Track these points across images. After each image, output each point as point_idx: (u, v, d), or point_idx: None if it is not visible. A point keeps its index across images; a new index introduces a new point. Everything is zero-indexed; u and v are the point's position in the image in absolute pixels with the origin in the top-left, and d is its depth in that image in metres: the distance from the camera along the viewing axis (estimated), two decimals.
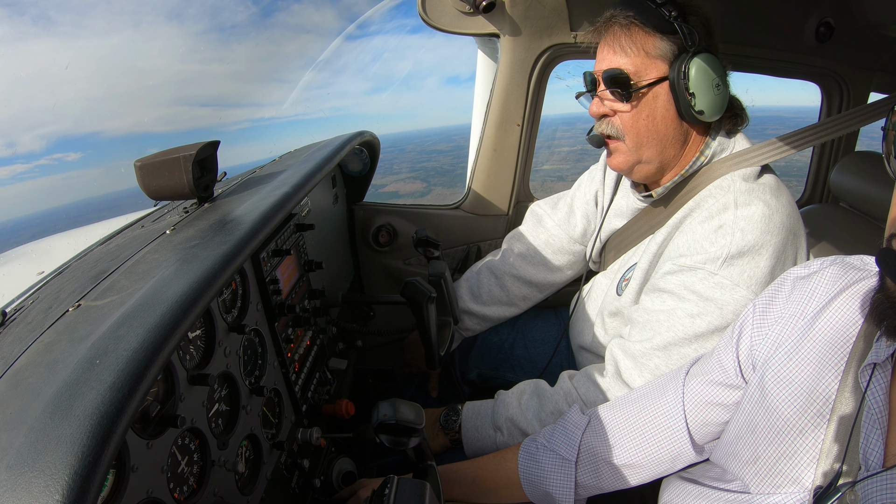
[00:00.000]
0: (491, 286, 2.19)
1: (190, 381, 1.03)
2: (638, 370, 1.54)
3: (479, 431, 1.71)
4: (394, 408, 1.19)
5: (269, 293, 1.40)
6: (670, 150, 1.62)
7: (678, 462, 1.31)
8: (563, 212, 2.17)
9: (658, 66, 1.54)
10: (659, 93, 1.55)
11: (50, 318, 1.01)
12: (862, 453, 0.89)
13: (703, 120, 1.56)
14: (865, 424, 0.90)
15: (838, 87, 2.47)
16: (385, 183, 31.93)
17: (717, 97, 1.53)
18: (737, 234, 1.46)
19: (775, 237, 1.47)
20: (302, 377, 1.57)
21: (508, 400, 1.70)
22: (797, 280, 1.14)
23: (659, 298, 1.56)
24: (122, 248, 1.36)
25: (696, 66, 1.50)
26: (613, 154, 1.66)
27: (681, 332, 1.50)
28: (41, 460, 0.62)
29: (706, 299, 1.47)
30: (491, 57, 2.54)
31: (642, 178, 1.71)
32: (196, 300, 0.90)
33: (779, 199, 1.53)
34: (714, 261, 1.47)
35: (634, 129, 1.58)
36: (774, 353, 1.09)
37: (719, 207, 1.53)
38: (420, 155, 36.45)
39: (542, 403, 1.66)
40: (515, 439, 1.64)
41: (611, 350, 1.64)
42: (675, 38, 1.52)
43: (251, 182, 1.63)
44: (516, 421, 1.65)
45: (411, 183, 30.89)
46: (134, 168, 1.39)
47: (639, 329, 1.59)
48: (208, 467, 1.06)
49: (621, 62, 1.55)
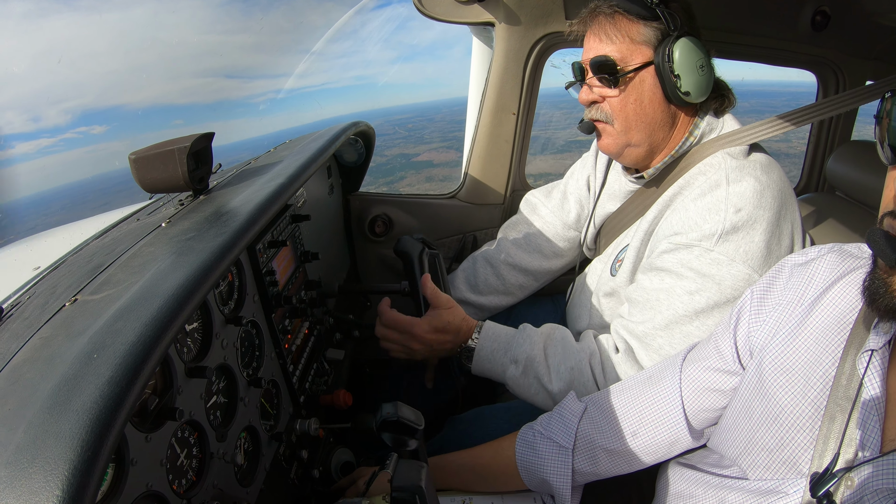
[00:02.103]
0: (487, 275, 2.19)
1: (188, 373, 1.03)
2: (644, 350, 1.56)
3: (494, 355, 1.72)
4: (395, 407, 1.28)
5: (265, 284, 1.40)
6: (659, 132, 1.65)
7: (675, 448, 1.32)
8: (557, 199, 2.18)
9: (643, 51, 1.58)
10: (645, 77, 1.59)
11: (46, 313, 1.00)
12: (859, 438, 0.90)
13: (689, 101, 1.60)
14: (863, 410, 0.91)
15: (834, 75, 2.46)
16: (418, 152, 31.90)
17: (702, 78, 1.57)
18: (730, 211, 1.48)
19: (768, 211, 1.50)
20: (299, 368, 1.57)
21: (534, 338, 1.71)
22: (795, 267, 1.14)
23: (657, 277, 1.58)
24: (118, 241, 1.35)
25: (680, 49, 1.54)
26: (603, 136, 1.69)
27: (681, 310, 1.52)
28: (40, 456, 0.62)
29: (704, 275, 1.49)
30: (486, 45, 2.53)
31: (632, 161, 1.73)
32: (192, 292, 0.89)
33: (769, 174, 1.56)
34: (709, 237, 1.49)
35: (623, 113, 1.62)
36: (772, 340, 1.10)
37: (711, 184, 1.55)
38: (450, 125, 36.32)
39: (565, 355, 1.66)
40: (528, 379, 1.67)
41: (615, 331, 1.66)
42: (657, 23, 1.57)
43: (246, 173, 1.62)
44: (535, 363, 1.66)
45: (445, 152, 30.80)
46: (128, 161, 1.38)
47: (639, 309, 1.60)
48: (207, 460, 1.06)
49: (607, 49, 1.59)
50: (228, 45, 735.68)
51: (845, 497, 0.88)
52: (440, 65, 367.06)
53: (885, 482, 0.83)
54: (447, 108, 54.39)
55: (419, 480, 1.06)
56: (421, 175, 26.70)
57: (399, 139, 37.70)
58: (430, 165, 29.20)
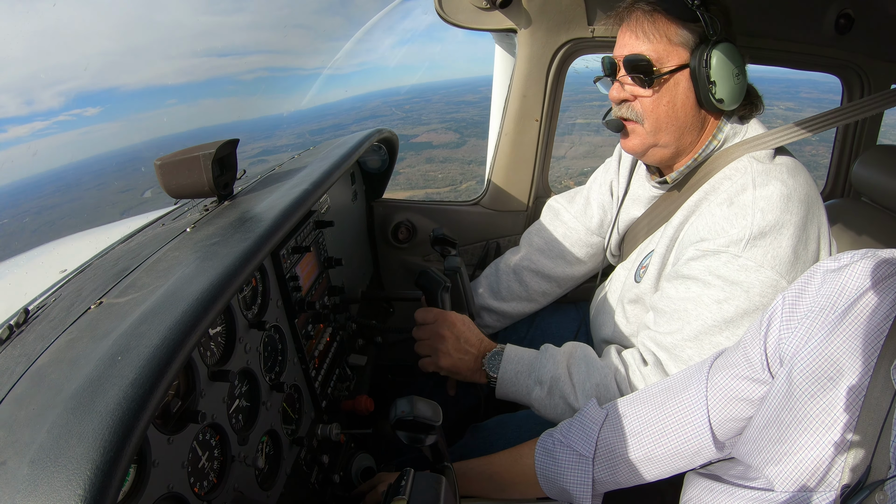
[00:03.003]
0: (510, 282, 2.18)
1: (210, 377, 1.04)
2: (673, 362, 1.53)
3: (518, 377, 1.70)
4: (411, 404, 1.20)
5: (288, 290, 1.41)
6: (687, 136, 1.62)
7: (698, 458, 1.29)
8: (580, 204, 2.16)
9: (680, 53, 1.55)
10: (679, 80, 1.56)
11: (72, 315, 1.02)
12: (892, 452, 0.87)
13: (722, 108, 1.57)
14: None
15: (858, 79, 2.41)
16: (417, 133, 32.06)
17: (737, 86, 1.55)
18: (757, 215, 1.46)
19: (795, 216, 1.47)
20: (322, 373, 1.57)
21: (557, 357, 1.69)
22: (827, 273, 1.11)
23: (683, 285, 1.55)
24: (143, 246, 1.37)
25: (718, 55, 1.51)
26: (630, 136, 1.66)
27: (710, 320, 1.49)
28: (63, 455, 0.63)
29: (732, 283, 1.47)
30: (509, 52, 2.53)
31: (656, 160, 1.70)
32: (216, 297, 0.91)
33: (796, 178, 1.53)
34: (737, 243, 1.46)
35: (654, 115, 1.59)
36: (803, 348, 1.07)
37: (737, 189, 1.53)
38: (448, 106, 36.38)
39: (589, 372, 1.64)
40: (554, 400, 1.65)
41: (643, 342, 1.63)
42: (696, 26, 1.53)
43: (270, 179, 1.64)
44: (561, 382, 1.64)
45: (444, 134, 30.78)
46: (154, 167, 1.40)
47: (666, 319, 1.57)
48: (228, 462, 1.07)
49: (643, 48, 1.56)
50: (222, 24, 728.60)
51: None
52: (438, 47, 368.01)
53: None
54: (444, 89, 54.38)
55: (437, 500, 1.03)
56: (421, 156, 26.54)
57: (397, 120, 37.59)
58: (430, 147, 29.13)
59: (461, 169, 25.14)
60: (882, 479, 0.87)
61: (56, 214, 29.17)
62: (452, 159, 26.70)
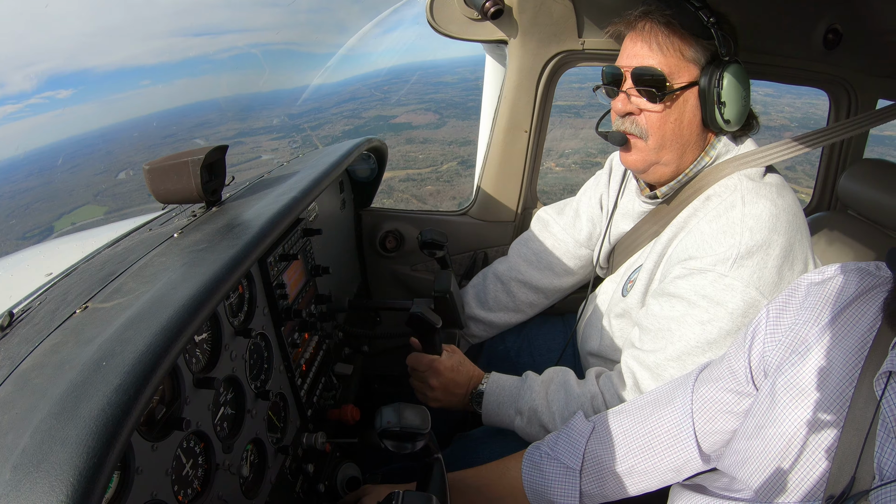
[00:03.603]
0: (497, 292, 2.19)
1: (196, 384, 1.04)
2: (654, 381, 1.54)
3: (500, 408, 1.73)
4: (398, 414, 1.18)
5: (275, 297, 1.41)
6: (689, 154, 1.62)
7: (684, 471, 1.30)
8: (569, 216, 2.17)
9: (691, 70, 1.53)
10: (689, 97, 1.55)
11: (57, 319, 1.01)
12: (877, 462, 0.88)
13: (727, 129, 1.56)
14: (881, 433, 0.89)
15: (846, 94, 2.45)
16: (396, 114, 32.08)
17: (745, 107, 1.55)
18: (745, 234, 1.46)
19: (783, 236, 1.47)
20: (308, 382, 1.57)
21: (535, 387, 1.70)
22: (811, 286, 1.12)
23: (668, 304, 1.55)
24: (130, 250, 1.36)
25: (730, 76, 1.50)
26: (633, 151, 1.63)
27: (692, 341, 1.49)
28: (46, 461, 0.62)
29: (716, 303, 1.47)
30: (499, 62, 2.54)
31: (655, 179, 1.69)
32: (203, 303, 0.90)
33: (784, 198, 1.54)
34: (724, 262, 1.46)
35: (661, 132, 1.57)
36: (787, 360, 1.08)
37: (727, 206, 1.52)
38: (426, 87, 36.45)
39: (567, 401, 1.65)
40: (534, 429, 1.67)
41: (626, 362, 1.63)
42: (709, 44, 1.52)
43: (259, 186, 1.64)
44: (539, 413, 1.66)
45: (423, 114, 30.78)
46: (143, 172, 1.40)
47: (650, 337, 1.58)
48: (213, 471, 1.07)
49: (655, 61, 1.53)
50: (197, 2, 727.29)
51: None
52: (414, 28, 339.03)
53: None
54: (421, 69, 54.61)
55: None
56: (401, 136, 26.51)
57: (375, 101, 37.64)
58: (410, 127, 29.18)
59: (442, 150, 25.12)
60: (866, 489, 0.87)
61: (30, 197, 28.79)
62: (433, 140, 26.77)
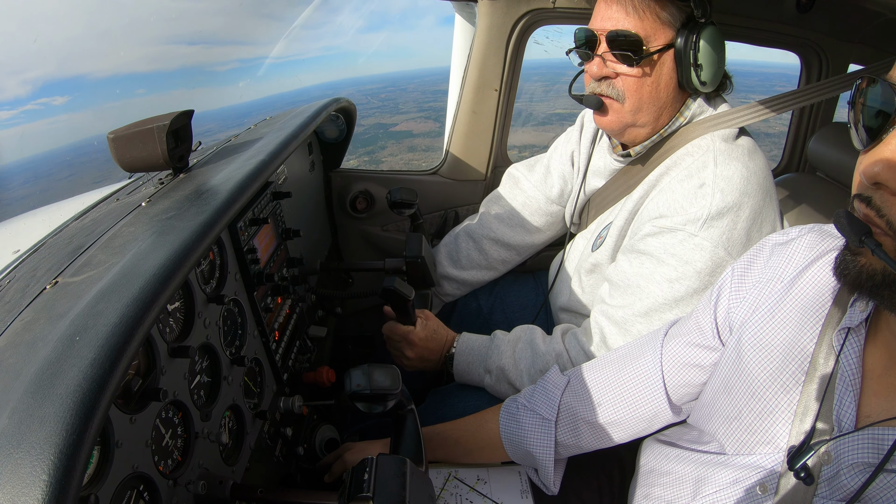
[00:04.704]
0: (469, 250, 2.20)
1: (171, 353, 1.02)
2: (622, 336, 1.57)
3: (470, 367, 1.80)
4: (367, 376, 1.22)
5: (247, 262, 1.39)
6: (665, 115, 1.63)
7: (655, 422, 1.34)
8: (540, 173, 2.17)
9: (666, 32, 1.53)
10: (665, 60, 1.55)
11: (27, 296, 0.99)
12: (836, 414, 0.92)
13: (703, 90, 1.58)
14: (839, 386, 0.93)
15: (818, 57, 2.47)
16: (395, 122, 31.79)
17: (720, 69, 1.56)
18: (717, 195, 1.48)
19: (753, 198, 1.50)
20: (282, 346, 1.56)
21: (503, 348, 1.74)
22: (776, 246, 1.16)
23: (637, 260, 1.58)
24: (98, 222, 1.33)
25: (707, 38, 1.51)
26: (609, 113, 1.63)
27: (660, 298, 1.53)
28: (26, 440, 0.61)
29: (685, 262, 1.50)
30: (469, 21, 2.50)
31: (630, 140, 1.70)
32: (174, 272, 0.89)
33: (756, 161, 1.56)
34: (694, 221, 1.49)
35: (637, 94, 1.57)
36: (751, 316, 1.11)
37: (699, 166, 1.54)
38: (424, 95, 36.17)
39: (534, 359, 1.70)
40: (502, 387, 1.73)
41: (594, 317, 1.67)
42: (684, 5, 1.51)
43: (226, 151, 1.60)
44: (507, 371, 1.71)
45: (423, 122, 30.61)
46: (107, 140, 1.35)
47: (619, 293, 1.61)
48: (192, 439, 1.06)
49: (632, 24, 1.51)
50: (192, 10, 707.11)
51: (822, 470, 0.90)
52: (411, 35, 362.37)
53: (860, 456, 0.86)
54: (419, 78, 54.23)
55: (404, 489, 1.02)
56: (402, 145, 26.60)
57: (374, 109, 37.54)
58: (411, 135, 29.11)
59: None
60: (826, 439, 0.92)
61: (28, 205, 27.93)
62: (434, 147, 26.58)
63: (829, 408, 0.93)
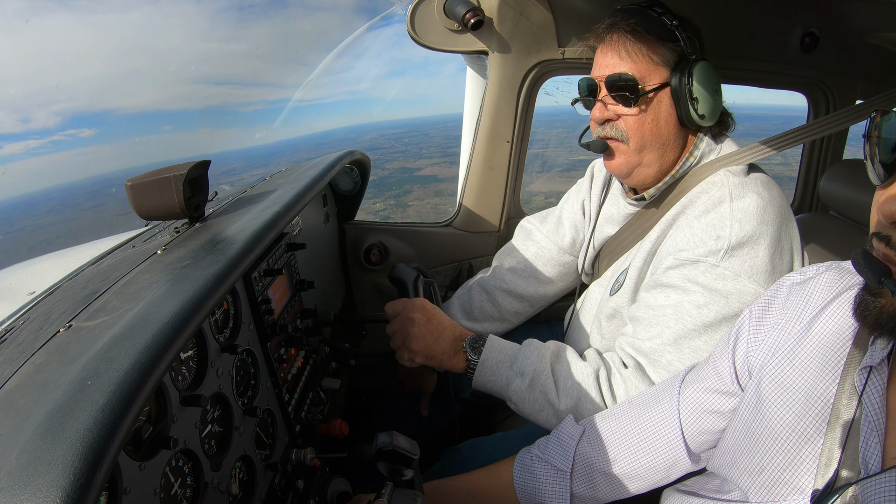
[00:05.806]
0: (482, 302, 2.19)
1: (182, 401, 1.02)
2: (653, 367, 1.54)
3: (498, 367, 1.66)
4: (391, 436, 1.26)
5: (261, 313, 1.40)
6: (670, 153, 1.66)
7: (674, 471, 1.31)
8: (552, 224, 2.19)
9: (661, 71, 1.59)
10: (662, 98, 1.60)
11: (41, 338, 1.00)
12: (861, 456, 0.89)
13: (702, 124, 1.62)
14: (864, 428, 0.90)
15: (824, 95, 2.50)
16: (420, 166, 32.15)
17: (716, 102, 1.61)
18: (735, 226, 1.49)
19: (771, 227, 1.51)
20: (295, 397, 1.56)
21: (542, 352, 1.68)
22: (793, 286, 1.15)
23: (662, 294, 1.57)
24: (113, 268, 1.35)
25: (699, 73, 1.56)
26: (616, 155, 1.68)
27: (689, 324, 1.51)
28: (33, 483, 0.61)
29: (711, 290, 1.49)
30: (480, 74, 2.56)
31: (639, 181, 1.72)
32: (188, 320, 0.89)
33: (770, 191, 1.58)
34: (715, 253, 1.49)
35: (639, 133, 1.62)
36: (770, 359, 1.09)
37: (714, 201, 1.56)
38: (447, 140, 36.74)
39: (572, 370, 1.63)
40: (534, 395, 1.61)
41: (622, 347, 1.64)
42: (675, 45, 1.58)
43: (242, 201, 1.63)
44: (542, 376, 1.62)
45: (448, 167, 30.98)
46: (125, 188, 1.39)
47: (645, 326, 1.59)
48: (202, 489, 1.05)
49: (626, 67, 1.59)
50: (220, 53, 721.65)
51: None
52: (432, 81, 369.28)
53: (886, 499, 0.83)
54: (441, 123, 55.20)
55: None
56: (428, 189, 26.76)
57: (398, 153, 38.10)
58: (436, 180, 29.39)
59: None
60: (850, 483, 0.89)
61: (52, 233, 28.51)
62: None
63: (855, 450, 0.91)
